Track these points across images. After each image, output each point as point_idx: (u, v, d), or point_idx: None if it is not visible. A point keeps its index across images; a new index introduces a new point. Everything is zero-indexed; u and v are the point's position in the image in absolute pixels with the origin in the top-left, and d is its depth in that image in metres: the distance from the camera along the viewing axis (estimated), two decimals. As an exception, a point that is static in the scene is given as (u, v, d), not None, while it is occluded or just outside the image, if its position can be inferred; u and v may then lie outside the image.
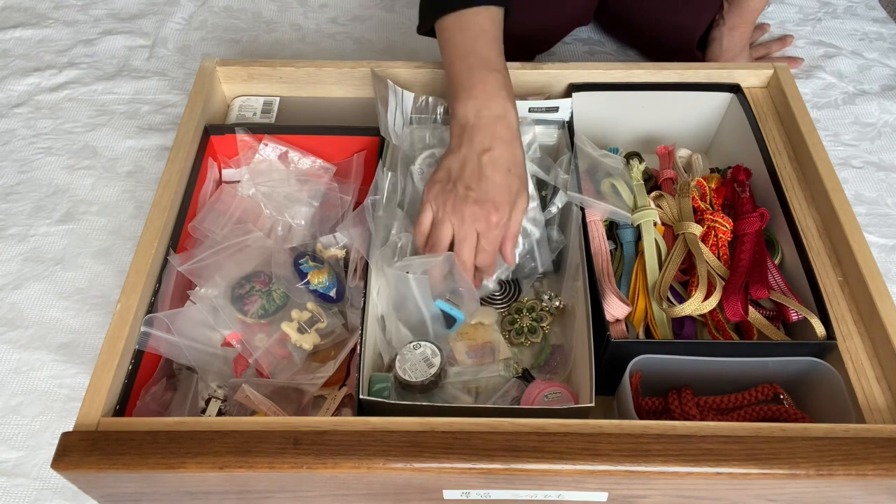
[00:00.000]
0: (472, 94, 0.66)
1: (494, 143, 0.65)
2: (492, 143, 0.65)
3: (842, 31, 1.17)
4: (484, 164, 0.64)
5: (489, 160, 0.65)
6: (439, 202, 0.65)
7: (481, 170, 0.64)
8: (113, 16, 1.20)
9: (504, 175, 0.65)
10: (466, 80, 0.67)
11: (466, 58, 0.67)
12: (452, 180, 0.65)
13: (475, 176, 0.64)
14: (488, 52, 0.67)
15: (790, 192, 0.75)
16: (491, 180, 0.64)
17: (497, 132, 0.65)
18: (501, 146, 0.65)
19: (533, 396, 0.65)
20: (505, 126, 0.66)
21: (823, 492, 0.56)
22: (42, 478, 0.71)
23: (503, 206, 0.64)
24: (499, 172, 0.65)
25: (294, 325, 0.68)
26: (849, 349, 0.63)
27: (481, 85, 0.66)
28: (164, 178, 0.72)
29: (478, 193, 0.64)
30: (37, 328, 0.82)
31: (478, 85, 0.66)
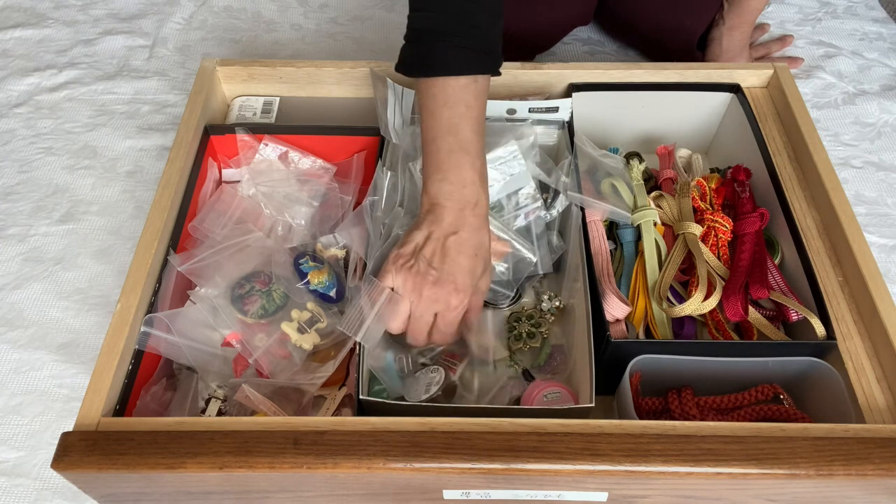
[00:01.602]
0: (446, 176, 0.64)
1: (462, 228, 0.64)
2: (459, 227, 0.64)
3: (842, 31, 1.17)
4: (449, 246, 0.63)
5: (455, 242, 0.63)
6: (401, 276, 0.64)
7: (445, 251, 0.63)
8: (113, 16, 1.20)
9: (469, 258, 0.64)
10: (444, 161, 0.65)
11: (446, 137, 0.65)
12: (415, 256, 0.64)
13: (439, 256, 0.63)
14: (469, 134, 0.65)
15: (790, 192, 0.75)
16: (455, 262, 0.63)
17: (466, 218, 0.64)
18: (469, 231, 0.64)
19: (533, 396, 0.65)
20: (474, 214, 0.65)
21: (823, 492, 0.56)
22: (42, 478, 0.71)
23: (464, 290, 0.63)
24: (464, 255, 0.63)
25: (294, 325, 0.68)
26: (849, 349, 0.63)
27: (457, 170, 0.64)
28: (164, 178, 0.72)
29: (439, 274, 0.63)
30: (37, 328, 0.82)
31: (453, 169, 0.64)
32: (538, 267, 0.75)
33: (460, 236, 0.64)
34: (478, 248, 0.65)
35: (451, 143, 0.64)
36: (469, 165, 0.65)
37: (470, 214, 0.64)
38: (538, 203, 0.75)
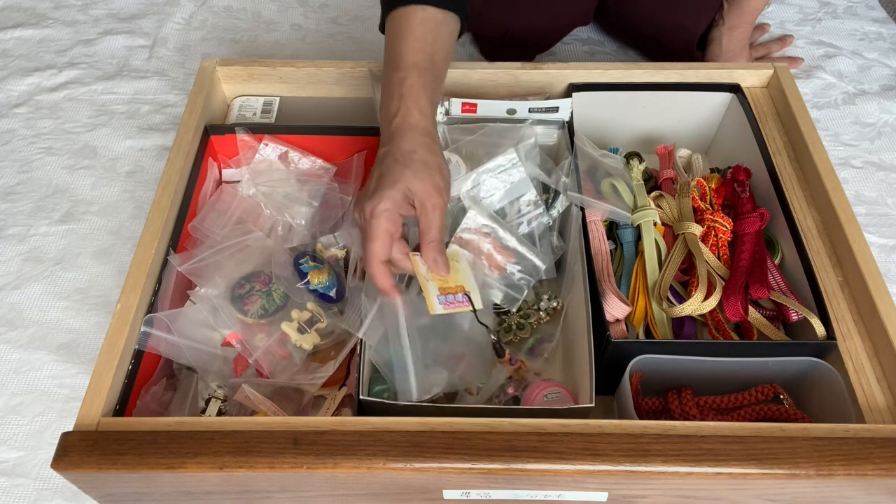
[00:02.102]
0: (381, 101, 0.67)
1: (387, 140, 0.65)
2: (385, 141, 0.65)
3: (842, 31, 1.17)
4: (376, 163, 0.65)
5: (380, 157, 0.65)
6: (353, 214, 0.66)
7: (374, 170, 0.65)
8: (113, 16, 1.20)
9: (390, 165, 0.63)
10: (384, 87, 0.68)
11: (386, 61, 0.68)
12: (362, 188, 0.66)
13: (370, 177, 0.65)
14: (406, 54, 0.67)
15: (790, 192, 0.75)
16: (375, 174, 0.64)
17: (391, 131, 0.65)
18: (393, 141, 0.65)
19: (532, 396, 0.65)
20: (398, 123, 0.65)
21: (823, 492, 0.56)
22: (42, 478, 0.71)
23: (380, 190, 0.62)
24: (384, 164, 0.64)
25: (294, 325, 0.68)
26: (849, 349, 0.63)
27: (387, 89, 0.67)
28: (164, 178, 0.72)
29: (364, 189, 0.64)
30: (37, 328, 0.82)
31: (385, 90, 0.67)
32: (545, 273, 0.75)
33: (384, 150, 0.65)
34: (399, 154, 0.64)
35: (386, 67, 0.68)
36: (396, 81, 0.66)
37: (396, 126, 0.65)
38: (540, 209, 0.75)
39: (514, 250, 0.73)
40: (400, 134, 0.64)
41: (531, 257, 0.73)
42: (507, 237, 0.73)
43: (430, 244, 0.63)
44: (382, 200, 0.61)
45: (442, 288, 0.66)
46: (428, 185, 0.62)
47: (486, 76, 0.83)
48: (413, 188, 0.62)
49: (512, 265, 0.73)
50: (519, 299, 0.74)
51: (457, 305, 0.66)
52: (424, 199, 0.62)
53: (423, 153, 0.64)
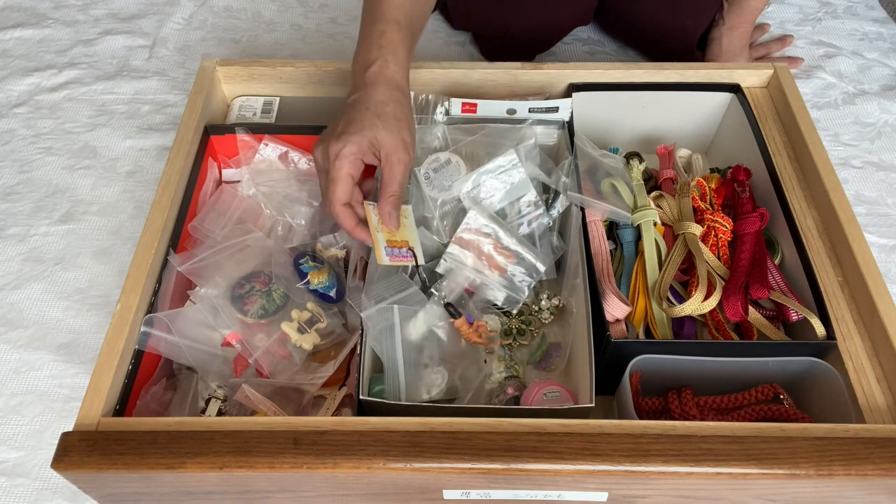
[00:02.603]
0: (357, 50, 0.68)
1: (360, 87, 0.65)
2: (357, 88, 0.65)
3: (842, 31, 1.17)
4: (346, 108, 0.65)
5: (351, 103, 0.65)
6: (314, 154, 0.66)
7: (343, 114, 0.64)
8: (113, 16, 1.20)
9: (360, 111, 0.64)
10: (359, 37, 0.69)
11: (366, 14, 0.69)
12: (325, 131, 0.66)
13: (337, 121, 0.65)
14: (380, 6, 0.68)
15: (790, 192, 0.75)
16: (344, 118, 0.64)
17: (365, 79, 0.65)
18: (366, 89, 0.65)
19: (532, 396, 0.65)
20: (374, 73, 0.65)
21: (823, 492, 0.56)
22: (42, 478, 0.71)
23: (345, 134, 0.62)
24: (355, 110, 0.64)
25: (294, 325, 0.68)
26: (849, 349, 0.63)
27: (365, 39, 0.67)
28: (164, 178, 0.72)
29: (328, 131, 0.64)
30: (37, 328, 0.82)
31: (363, 40, 0.68)
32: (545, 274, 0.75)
33: (356, 97, 0.65)
34: (372, 103, 0.64)
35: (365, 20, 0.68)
36: (376, 33, 0.67)
37: (371, 75, 0.65)
38: (540, 210, 0.75)
39: (514, 251, 0.73)
40: (375, 84, 0.65)
41: (531, 258, 0.73)
42: (508, 238, 0.73)
43: (389, 197, 0.64)
44: (349, 144, 0.62)
45: (389, 241, 0.67)
46: (396, 138, 0.63)
47: (486, 76, 0.83)
48: (381, 139, 0.63)
49: (513, 266, 0.73)
50: (520, 301, 0.74)
51: (402, 259, 0.68)
52: (391, 153, 0.63)
53: (396, 107, 0.64)
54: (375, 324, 0.66)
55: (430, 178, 0.74)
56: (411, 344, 0.67)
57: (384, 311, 0.66)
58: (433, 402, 0.65)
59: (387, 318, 0.66)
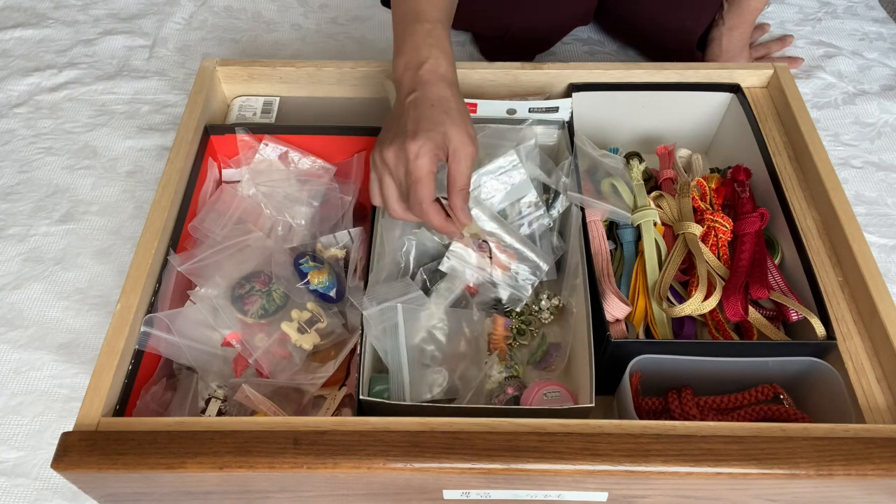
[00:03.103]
0: (402, 50, 0.66)
1: (418, 87, 0.64)
2: (415, 87, 0.64)
3: (842, 31, 1.17)
4: (407, 107, 0.63)
5: (412, 101, 0.63)
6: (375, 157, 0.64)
7: (404, 113, 0.63)
8: (113, 16, 1.20)
9: (426, 109, 0.63)
10: (400, 38, 0.67)
11: (403, 16, 0.67)
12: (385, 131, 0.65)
13: (400, 120, 0.63)
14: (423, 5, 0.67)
15: (790, 192, 0.75)
16: (410, 117, 0.62)
17: (420, 77, 0.64)
18: (425, 88, 0.64)
19: (532, 396, 0.65)
20: (428, 70, 0.64)
21: (823, 492, 0.56)
22: (42, 478, 0.71)
23: (422, 135, 0.61)
24: (420, 108, 0.63)
25: (294, 325, 0.68)
26: (849, 349, 0.63)
27: (410, 38, 0.66)
28: (164, 178, 0.72)
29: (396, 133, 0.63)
30: (37, 328, 0.82)
31: (408, 40, 0.66)
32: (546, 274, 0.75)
33: (416, 95, 0.64)
34: (435, 99, 0.63)
35: (405, 19, 0.67)
36: (420, 30, 0.66)
37: (426, 73, 0.64)
38: (540, 211, 0.75)
39: (517, 250, 0.73)
40: (432, 82, 0.64)
41: (534, 257, 0.73)
42: (510, 237, 0.73)
43: (459, 192, 0.64)
44: (427, 141, 0.61)
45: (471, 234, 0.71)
46: (463, 133, 0.63)
47: (486, 76, 0.83)
48: (450, 135, 0.62)
49: (516, 264, 0.73)
50: (523, 299, 0.74)
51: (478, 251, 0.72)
52: (459, 147, 0.62)
53: (457, 102, 0.64)
54: (377, 323, 0.66)
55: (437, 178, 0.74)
56: (412, 344, 0.67)
57: (387, 311, 0.66)
58: (434, 402, 0.65)
59: (390, 317, 0.66)
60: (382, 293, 0.67)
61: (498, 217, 0.73)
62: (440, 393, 0.66)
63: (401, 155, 0.62)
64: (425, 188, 0.62)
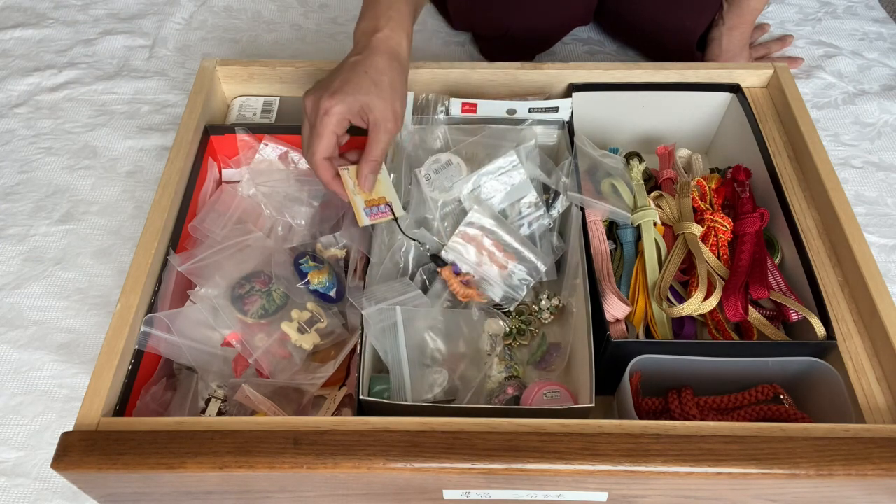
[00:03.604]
0: (364, 15, 0.69)
1: (363, 50, 0.67)
2: (361, 50, 0.67)
3: (842, 31, 1.17)
4: (345, 66, 0.66)
5: (351, 63, 0.66)
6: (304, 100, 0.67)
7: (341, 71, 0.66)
8: (113, 16, 1.20)
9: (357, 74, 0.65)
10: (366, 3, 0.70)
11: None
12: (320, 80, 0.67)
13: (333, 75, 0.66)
14: None
15: (790, 192, 0.75)
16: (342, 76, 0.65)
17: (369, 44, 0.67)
18: (368, 53, 0.66)
19: (532, 396, 0.65)
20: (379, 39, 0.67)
21: (823, 492, 0.56)
22: (42, 478, 0.71)
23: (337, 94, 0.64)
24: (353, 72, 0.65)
25: (294, 325, 0.68)
26: (849, 349, 0.63)
27: (373, 7, 0.69)
28: (164, 178, 0.72)
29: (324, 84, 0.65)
30: (37, 328, 0.82)
31: (370, 7, 0.69)
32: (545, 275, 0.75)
33: (357, 59, 0.66)
34: (371, 68, 0.66)
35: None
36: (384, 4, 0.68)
37: (376, 41, 0.67)
38: (540, 211, 0.75)
39: (516, 250, 0.73)
40: (378, 51, 0.67)
41: (532, 258, 0.73)
42: (509, 237, 0.73)
43: (371, 161, 0.68)
44: (340, 104, 0.64)
45: (367, 201, 0.70)
46: (388, 107, 0.66)
47: (486, 76, 0.83)
48: (372, 105, 0.65)
49: (514, 264, 0.73)
50: (517, 299, 0.74)
51: (381, 216, 0.71)
52: (380, 120, 0.66)
53: (394, 76, 0.67)
54: (377, 322, 0.66)
55: (431, 178, 0.74)
56: (412, 344, 0.67)
57: (386, 311, 0.66)
58: (434, 402, 0.65)
59: (389, 317, 0.66)
60: (381, 293, 0.67)
61: (498, 217, 0.73)
62: (440, 393, 0.66)
63: (315, 106, 0.65)
64: (322, 143, 0.66)
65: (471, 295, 0.71)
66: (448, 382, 0.66)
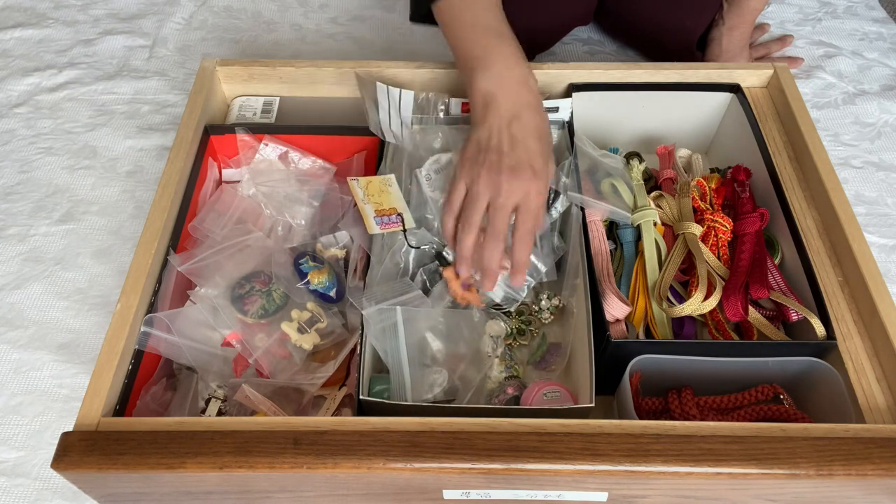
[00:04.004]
0: (488, 63, 0.63)
1: (521, 110, 0.62)
2: (519, 110, 0.62)
3: (842, 31, 1.17)
4: (514, 132, 0.61)
5: (519, 127, 0.61)
6: (472, 175, 0.61)
7: (513, 137, 0.61)
8: (113, 16, 1.20)
9: (537, 141, 0.62)
10: (480, 51, 0.64)
11: (475, 29, 0.64)
12: (483, 151, 0.61)
13: (507, 143, 0.61)
14: (496, 22, 0.65)
15: (790, 192, 0.75)
16: (524, 146, 0.61)
17: (522, 98, 0.62)
18: (529, 112, 0.62)
19: (532, 396, 0.65)
20: (528, 91, 0.63)
21: (823, 492, 0.56)
22: (42, 478, 0.71)
23: (542, 175, 0.61)
24: (532, 138, 0.61)
25: (294, 325, 0.68)
26: (849, 349, 0.63)
27: (497, 52, 0.63)
28: (164, 178, 0.72)
29: (512, 160, 0.60)
30: (37, 328, 0.82)
31: (493, 53, 0.63)
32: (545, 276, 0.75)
33: (522, 119, 0.62)
34: (541, 129, 0.62)
35: (482, 36, 0.64)
36: (507, 46, 0.64)
37: (525, 93, 0.63)
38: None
39: None
40: (538, 100, 0.64)
41: (533, 259, 0.73)
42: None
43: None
44: (547, 181, 0.64)
45: (378, 210, 0.69)
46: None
47: (486, 76, 0.83)
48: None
49: None
50: (518, 300, 0.74)
51: (392, 226, 0.71)
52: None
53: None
54: (377, 322, 0.66)
55: (432, 179, 0.74)
56: (412, 344, 0.67)
57: (386, 311, 0.66)
58: (434, 402, 0.65)
59: (389, 317, 0.66)
60: (382, 293, 0.67)
61: None
62: (440, 393, 0.66)
63: (520, 188, 0.60)
64: (539, 220, 0.63)
65: (469, 299, 0.71)
66: (448, 382, 0.66)
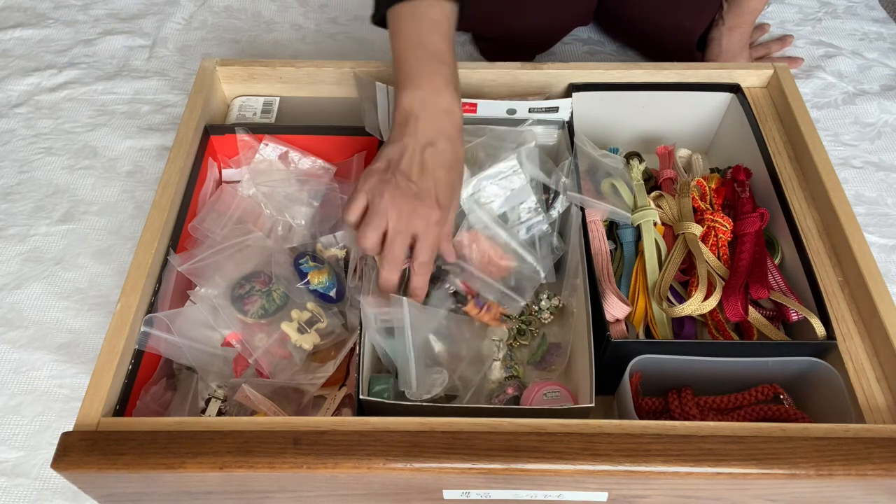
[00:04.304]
0: (419, 83, 0.63)
1: (438, 138, 0.62)
2: (436, 138, 0.62)
3: (842, 31, 1.17)
4: (426, 158, 0.61)
5: (432, 154, 0.62)
6: (376, 192, 0.61)
7: (423, 163, 0.61)
8: (113, 16, 1.20)
9: (447, 171, 0.62)
10: (414, 69, 0.64)
11: (416, 48, 0.64)
12: (391, 170, 0.61)
13: (417, 169, 0.61)
14: (439, 45, 0.64)
15: (790, 192, 0.75)
16: (433, 175, 0.61)
17: (442, 127, 0.62)
18: (445, 142, 0.62)
19: (532, 396, 0.65)
20: (451, 122, 0.63)
21: (823, 492, 0.56)
22: (42, 478, 0.71)
23: (445, 206, 0.61)
24: (442, 168, 0.62)
25: (294, 325, 0.68)
26: (849, 349, 0.63)
27: (429, 76, 0.63)
28: (164, 178, 0.72)
29: (419, 188, 0.60)
30: (37, 328, 0.82)
31: (426, 76, 0.63)
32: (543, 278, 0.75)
33: (437, 148, 0.62)
34: (454, 161, 0.63)
35: (421, 53, 0.64)
36: (441, 71, 0.63)
37: (447, 122, 0.62)
38: (540, 216, 0.75)
39: (515, 255, 0.73)
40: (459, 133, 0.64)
41: (533, 262, 0.73)
42: (510, 241, 0.73)
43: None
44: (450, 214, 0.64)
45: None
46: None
47: (486, 76, 0.83)
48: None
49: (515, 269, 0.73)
50: (520, 304, 0.74)
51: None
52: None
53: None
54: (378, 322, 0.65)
55: None
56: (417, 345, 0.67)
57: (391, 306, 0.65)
58: (434, 401, 0.65)
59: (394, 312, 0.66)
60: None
61: (498, 221, 0.73)
62: (439, 393, 0.66)
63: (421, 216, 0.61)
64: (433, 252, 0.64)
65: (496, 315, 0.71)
66: (448, 382, 0.66)
